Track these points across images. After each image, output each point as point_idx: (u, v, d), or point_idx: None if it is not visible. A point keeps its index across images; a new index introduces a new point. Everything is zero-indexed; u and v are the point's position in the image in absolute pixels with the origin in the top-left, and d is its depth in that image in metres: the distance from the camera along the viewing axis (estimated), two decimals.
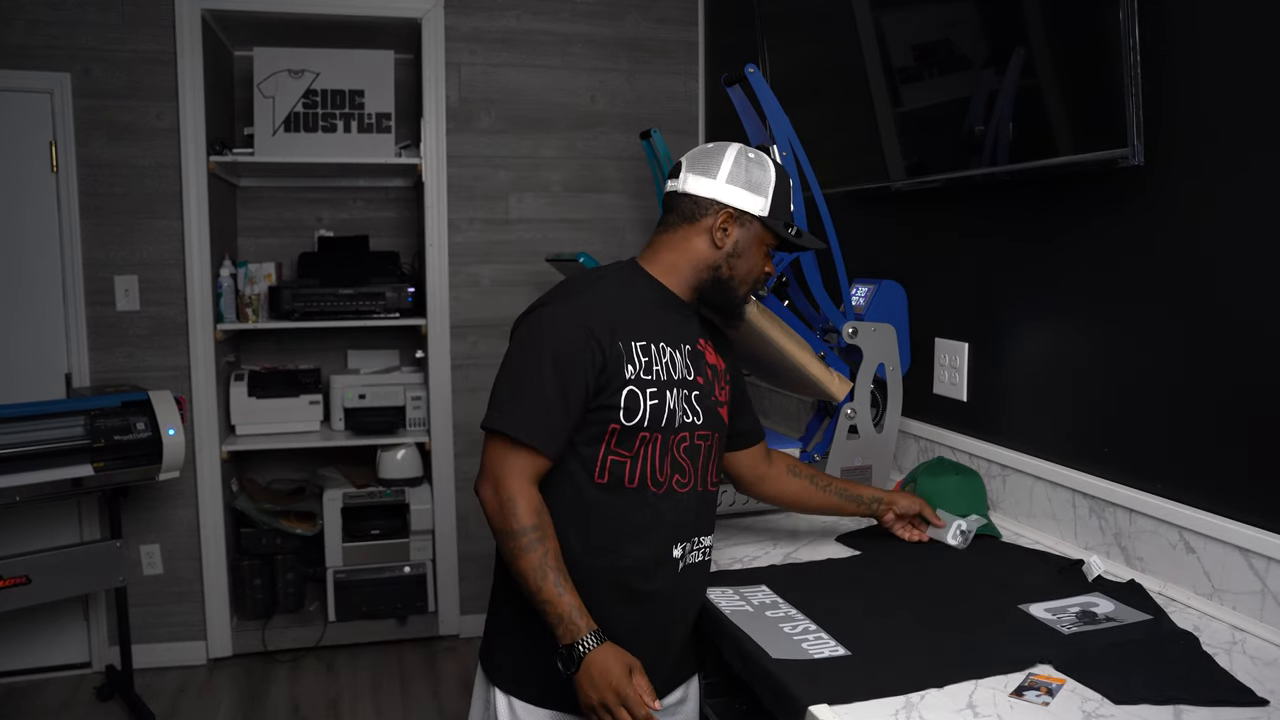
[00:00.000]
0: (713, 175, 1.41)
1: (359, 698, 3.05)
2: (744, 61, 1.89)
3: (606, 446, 1.36)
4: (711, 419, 1.44)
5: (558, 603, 1.26)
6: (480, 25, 3.29)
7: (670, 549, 1.40)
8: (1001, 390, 1.89)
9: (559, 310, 1.36)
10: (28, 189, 3.03)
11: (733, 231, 1.41)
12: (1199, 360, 1.44)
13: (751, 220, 1.42)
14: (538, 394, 1.31)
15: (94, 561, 2.86)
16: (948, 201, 2.05)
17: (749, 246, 1.42)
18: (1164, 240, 1.50)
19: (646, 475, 1.37)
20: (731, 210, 1.40)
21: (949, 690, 1.14)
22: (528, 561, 1.28)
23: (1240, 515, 1.36)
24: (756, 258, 1.44)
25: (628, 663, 1.25)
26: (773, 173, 1.42)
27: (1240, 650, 1.26)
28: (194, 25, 3.05)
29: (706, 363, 1.46)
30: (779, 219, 1.42)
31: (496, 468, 1.32)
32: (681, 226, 1.43)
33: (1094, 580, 1.48)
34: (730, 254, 1.42)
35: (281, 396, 3.35)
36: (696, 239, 1.42)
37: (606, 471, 1.36)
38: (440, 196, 3.29)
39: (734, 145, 1.44)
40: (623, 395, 1.34)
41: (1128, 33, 1.42)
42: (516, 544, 1.29)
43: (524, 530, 1.29)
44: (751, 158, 1.42)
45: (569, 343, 1.32)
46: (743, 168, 1.41)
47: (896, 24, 2.01)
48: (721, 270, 1.42)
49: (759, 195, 1.41)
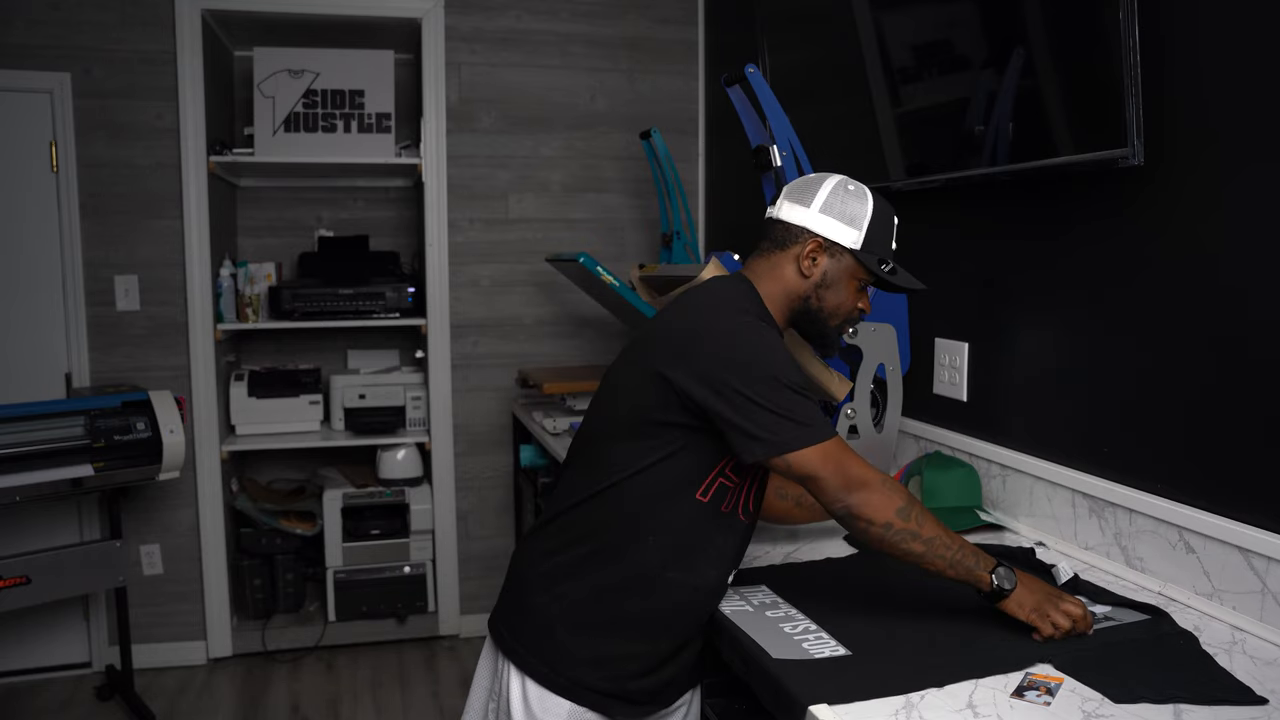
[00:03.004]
0: (807, 203, 1.39)
1: (359, 698, 3.05)
2: (744, 61, 1.89)
3: (720, 470, 1.33)
4: None
5: (969, 554, 1.26)
6: (480, 25, 3.30)
7: (729, 575, 1.41)
8: (1001, 390, 1.89)
9: (768, 337, 1.32)
10: (28, 189, 3.03)
11: (821, 261, 1.38)
12: (1199, 360, 1.44)
13: (843, 252, 1.38)
14: (809, 406, 1.28)
15: (94, 561, 2.86)
16: (948, 201, 2.05)
17: (839, 279, 1.39)
18: (1164, 240, 1.50)
19: (740, 506, 1.37)
20: (821, 240, 1.38)
21: (949, 690, 1.14)
22: (929, 529, 1.25)
23: (1240, 515, 1.36)
24: (847, 292, 1.40)
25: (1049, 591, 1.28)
26: (870, 206, 1.39)
27: (1240, 650, 1.26)
28: (194, 25, 3.06)
29: None
30: (873, 254, 1.39)
31: (840, 469, 1.25)
32: (774, 253, 1.41)
33: (1067, 583, 1.47)
34: (819, 284, 1.39)
35: (281, 396, 3.35)
36: (787, 266, 1.40)
37: (711, 492, 1.34)
38: (440, 196, 3.29)
39: (835, 176, 1.41)
40: None
41: (1128, 33, 1.42)
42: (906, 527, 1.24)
43: (908, 504, 1.26)
44: (851, 189, 1.39)
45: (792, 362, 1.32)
46: (839, 198, 1.38)
47: (896, 24, 2.01)
48: (811, 301, 1.40)
49: (852, 228, 1.37)
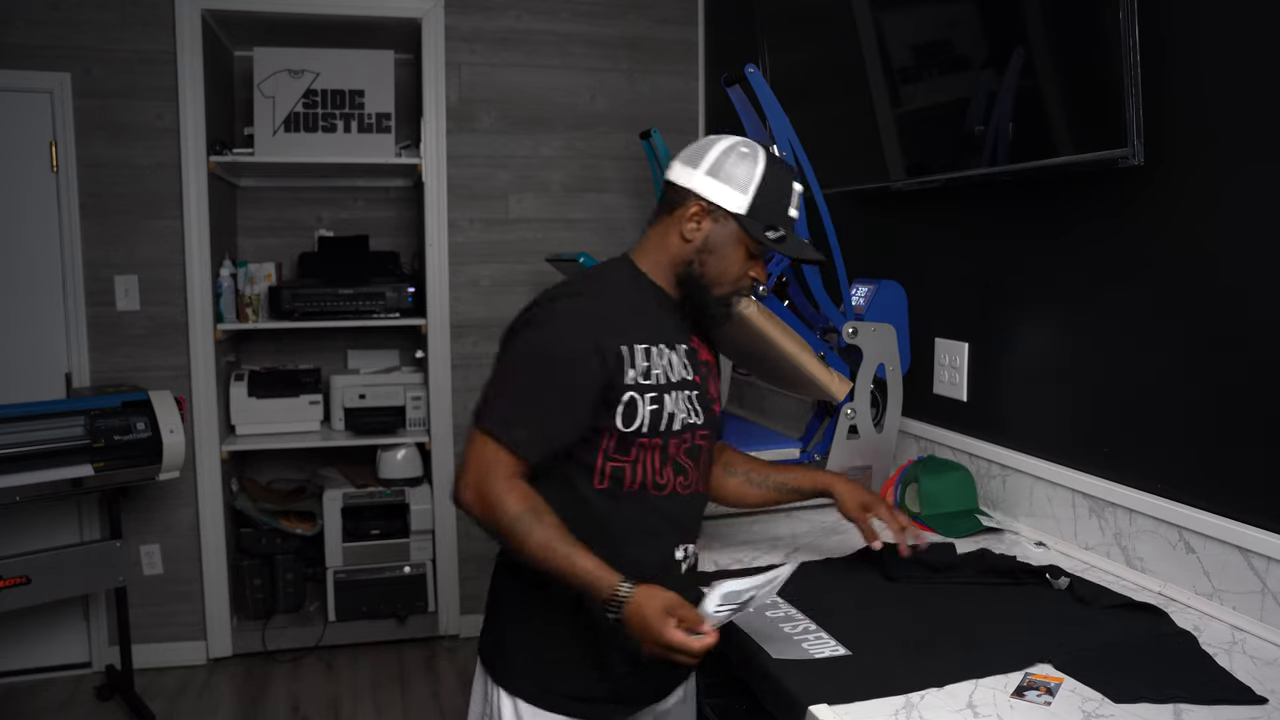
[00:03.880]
0: (695, 165, 1.34)
1: (359, 698, 3.05)
2: (744, 61, 1.89)
3: (604, 454, 1.32)
4: (711, 418, 1.42)
5: (574, 572, 1.23)
6: (480, 25, 3.29)
7: (674, 552, 1.39)
8: (1001, 390, 1.89)
9: (565, 316, 1.31)
10: (28, 189, 3.03)
11: (705, 225, 1.33)
12: (1199, 360, 1.44)
13: (727, 217, 1.33)
14: (536, 402, 1.28)
15: (94, 561, 2.86)
16: (948, 201, 2.05)
17: (723, 244, 1.34)
18: (1164, 240, 1.50)
19: (647, 479, 1.34)
20: (705, 203, 1.33)
21: (949, 690, 1.14)
22: (531, 544, 1.24)
23: (1240, 515, 1.36)
24: (732, 258, 1.35)
25: (663, 606, 1.18)
26: (761, 169, 1.32)
27: (1240, 650, 1.26)
28: (194, 25, 3.05)
29: (700, 360, 1.43)
30: (760, 220, 1.32)
31: (480, 466, 1.27)
32: (664, 218, 1.38)
33: (1065, 589, 1.47)
34: (701, 249, 1.34)
35: (281, 396, 3.35)
36: (673, 232, 1.36)
37: (606, 477, 1.33)
38: (440, 196, 3.29)
39: (731, 138, 1.36)
40: (622, 401, 1.30)
41: (1128, 33, 1.42)
42: (515, 534, 1.25)
43: (519, 517, 1.24)
44: (744, 152, 1.33)
45: (575, 351, 1.27)
46: (728, 160, 1.32)
47: (896, 24, 2.01)
48: (693, 266, 1.35)
49: (739, 192, 1.32)
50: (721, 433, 1.59)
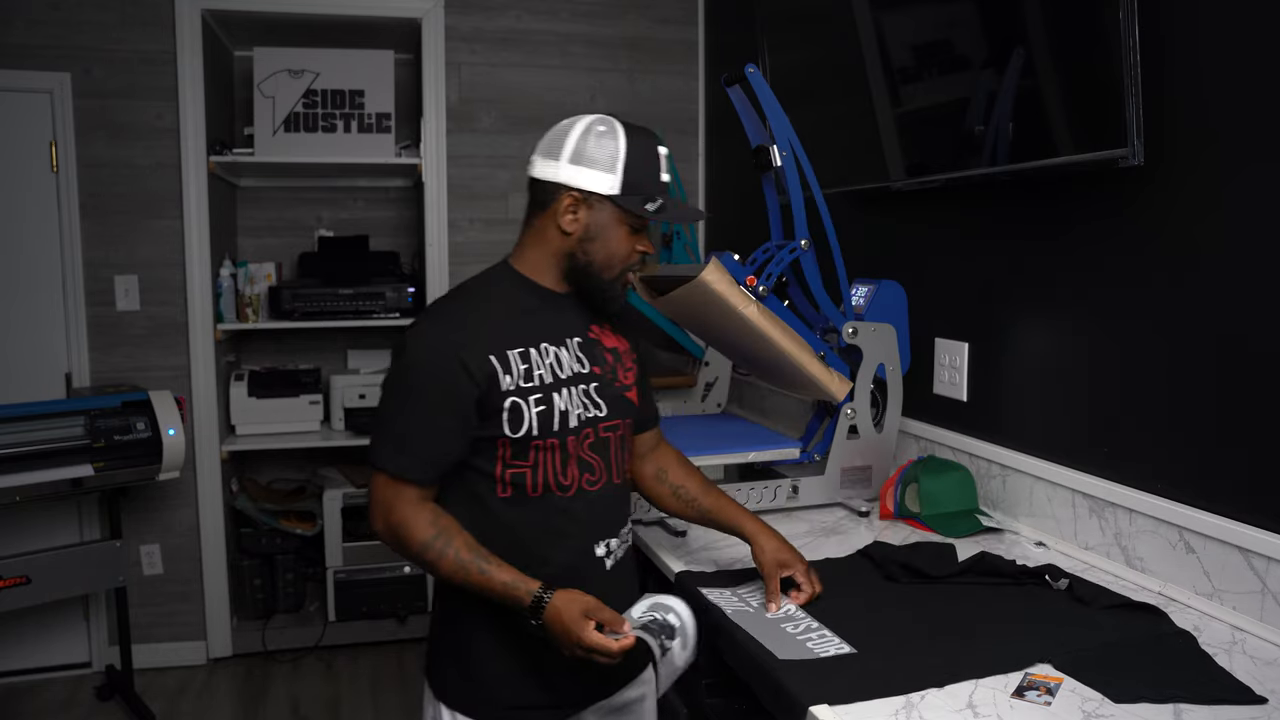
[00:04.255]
0: (556, 156, 1.31)
1: (359, 698, 3.05)
2: (744, 61, 1.89)
3: (502, 462, 1.33)
4: (618, 406, 1.41)
5: (491, 586, 1.26)
6: (480, 25, 3.29)
7: (592, 549, 1.39)
8: (1001, 390, 1.89)
9: (425, 337, 1.31)
10: (28, 189, 3.03)
11: (581, 215, 1.32)
12: (1199, 360, 1.44)
13: (601, 201, 1.31)
14: (415, 429, 1.30)
15: (94, 561, 2.86)
16: (948, 201, 2.05)
17: (604, 229, 1.32)
18: (1164, 240, 1.50)
19: (549, 481, 1.34)
20: (576, 193, 1.31)
21: (949, 690, 1.14)
22: (445, 566, 1.28)
23: (1240, 515, 1.36)
24: (616, 240, 1.33)
25: (582, 608, 1.23)
26: (622, 144, 1.30)
27: (1240, 650, 1.26)
28: (194, 25, 3.05)
29: (605, 348, 1.42)
30: (636, 194, 1.31)
31: (382, 499, 1.31)
32: (537, 216, 1.36)
33: (1065, 590, 1.47)
34: (583, 239, 1.33)
35: (281, 396, 3.35)
36: (549, 228, 1.34)
37: (509, 485, 1.34)
38: (440, 196, 3.29)
39: (585, 119, 1.32)
40: (505, 409, 1.30)
41: (1128, 33, 1.42)
42: (428, 558, 1.29)
43: (426, 544, 1.28)
44: (601, 130, 1.30)
45: (437, 371, 1.28)
46: (588, 143, 1.29)
47: (896, 24, 2.01)
48: (578, 257, 1.34)
49: (607, 173, 1.29)
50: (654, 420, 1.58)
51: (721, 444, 1.92)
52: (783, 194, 1.91)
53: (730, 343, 1.96)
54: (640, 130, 1.34)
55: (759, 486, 1.88)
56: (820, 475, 1.94)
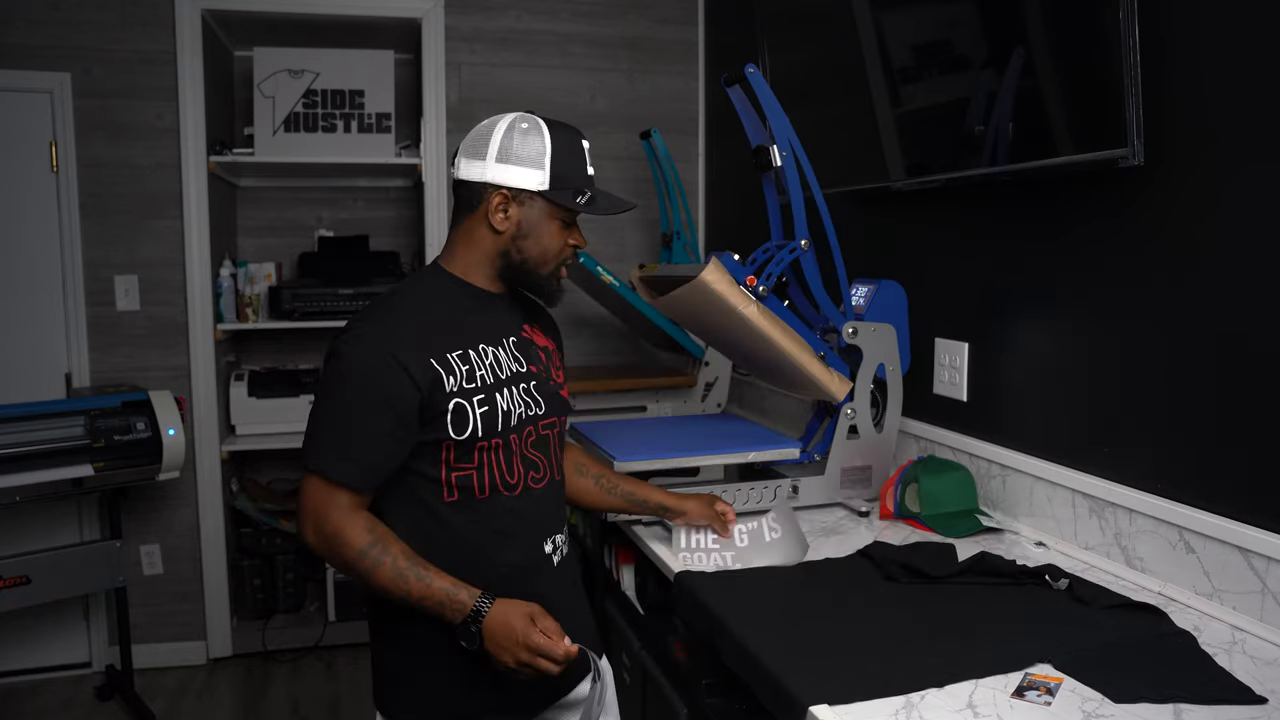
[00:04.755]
0: (482, 156, 1.32)
1: (359, 698, 3.04)
2: (744, 61, 1.89)
3: (447, 465, 1.31)
4: (554, 404, 1.42)
5: (430, 593, 1.24)
6: (480, 25, 3.29)
7: (541, 548, 1.39)
8: (1001, 390, 1.89)
9: (363, 341, 1.29)
10: (28, 189, 3.03)
11: (513, 212, 1.32)
12: (1199, 360, 1.44)
13: (532, 197, 1.32)
14: (351, 433, 1.27)
15: (94, 561, 2.86)
16: (948, 201, 2.05)
17: (536, 225, 1.33)
18: (1164, 240, 1.50)
19: (496, 481, 1.33)
20: (505, 191, 1.31)
21: (949, 690, 1.14)
22: (382, 575, 1.24)
23: (1240, 515, 1.36)
24: (549, 234, 1.34)
25: (526, 612, 1.23)
26: (548, 140, 1.31)
27: (1240, 650, 1.26)
28: (194, 25, 3.06)
29: (537, 347, 1.43)
30: (565, 188, 1.32)
31: (315, 507, 1.27)
32: (467, 218, 1.36)
33: (1065, 589, 1.47)
34: (516, 236, 1.33)
35: (281, 396, 3.35)
36: (480, 228, 1.34)
37: (455, 489, 1.32)
38: (440, 196, 3.29)
39: (505, 118, 1.33)
40: (449, 411, 1.29)
41: (1128, 33, 1.42)
42: (363, 567, 1.25)
43: (363, 552, 1.24)
44: (524, 128, 1.31)
45: (377, 375, 1.26)
46: (513, 141, 1.30)
47: (896, 24, 2.01)
48: (512, 254, 1.35)
49: (534, 169, 1.31)
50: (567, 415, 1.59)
51: (721, 444, 1.92)
52: (783, 194, 1.91)
53: (730, 343, 1.96)
54: (562, 126, 1.35)
55: (759, 486, 1.88)
56: (820, 475, 1.94)
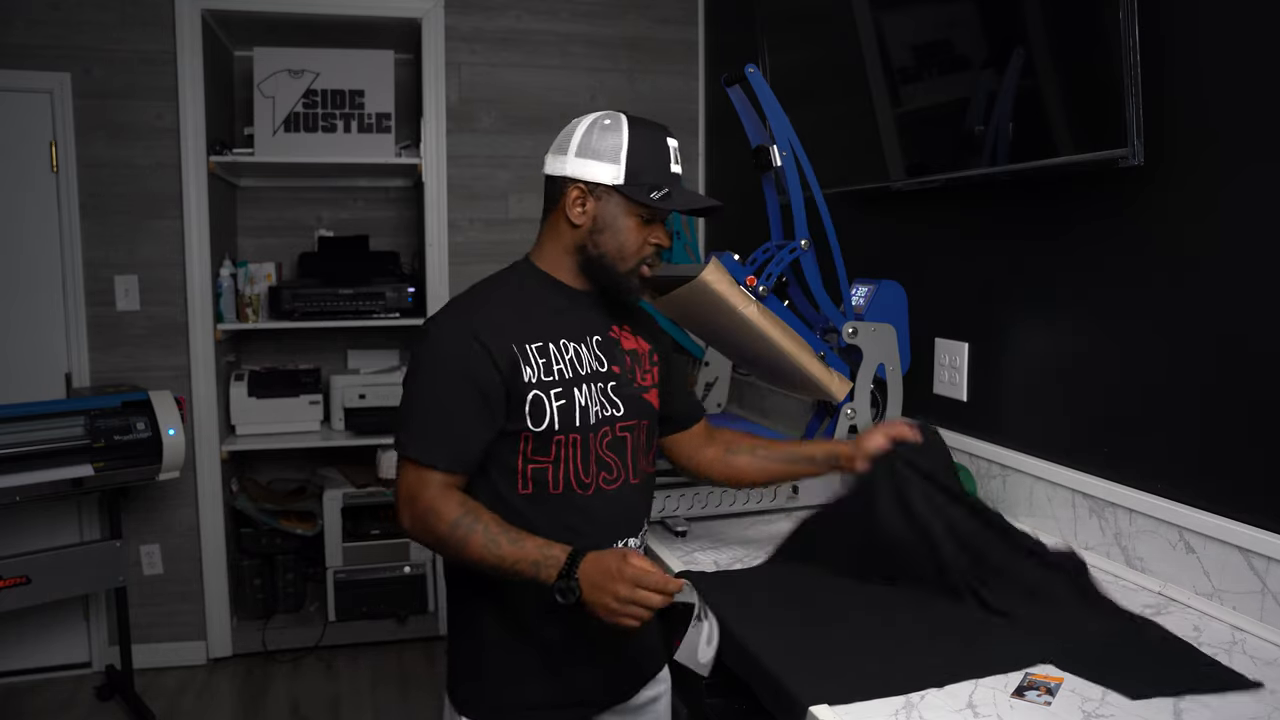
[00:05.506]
0: (564, 152, 1.35)
1: (359, 698, 3.05)
2: (744, 61, 1.89)
3: (524, 456, 1.32)
4: (635, 407, 1.41)
5: (523, 554, 1.22)
6: (480, 25, 3.29)
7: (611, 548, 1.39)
8: (1001, 390, 1.89)
9: (445, 326, 1.33)
10: (28, 189, 3.03)
11: (590, 206, 1.34)
12: (1199, 360, 1.44)
13: (608, 191, 1.33)
14: (438, 413, 1.29)
15: (94, 561, 2.86)
16: (948, 201, 2.05)
17: (612, 219, 1.34)
18: (1164, 240, 1.50)
19: (570, 479, 1.34)
20: (583, 184, 1.33)
21: (949, 690, 1.14)
22: (474, 544, 1.23)
23: (1240, 515, 1.36)
24: (626, 229, 1.35)
25: (620, 553, 1.18)
26: (625, 136, 1.33)
27: (1240, 650, 1.26)
28: (194, 25, 3.06)
29: (623, 350, 1.42)
30: (641, 184, 1.33)
31: (408, 490, 1.29)
32: (551, 212, 1.39)
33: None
34: (593, 230, 1.35)
35: (281, 396, 3.35)
36: (561, 223, 1.37)
37: (530, 481, 1.33)
38: (440, 196, 3.29)
39: (589, 116, 1.36)
40: (527, 401, 1.30)
41: (1128, 33, 1.42)
42: (456, 538, 1.24)
43: (455, 523, 1.25)
44: (606, 124, 1.34)
45: (459, 357, 1.29)
46: (593, 137, 1.33)
47: (896, 24, 2.01)
48: (590, 249, 1.36)
49: (611, 163, 1.32)
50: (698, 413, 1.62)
51: None
52: (783, 194, 1.91)
53: (730, 343, 1.96)
54: (647, 123, 1.36)
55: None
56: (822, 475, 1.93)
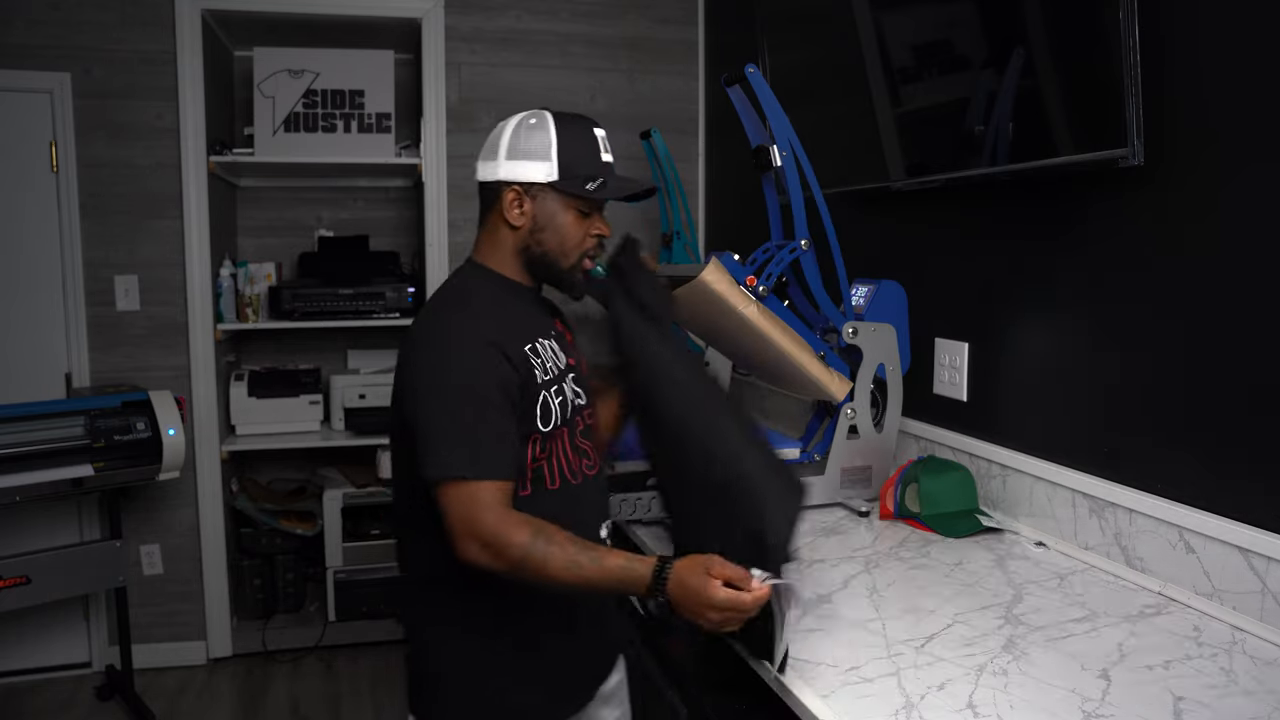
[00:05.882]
0: (495, 156, 1.36)
1: (359, 698, 3.05)
2: (744, 61, 1.89)
3: (531, 458, 1.32)
4: (589, 396, 1.47)
5: (607, 572, 1.20)
6: (480, 25, 3.29)
7: (598, 534, 1.42)
8: (1001, 390, 1.89)
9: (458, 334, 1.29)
10: (28, 189, 3.03)
11: (526, 206, 1.35)
12: (1199, 360, 1.44)
13: (542, 189, 1.34)
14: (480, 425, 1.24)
15: (94, 561, 2.86)
16: (948, 201, 2.05)
17: (551, 216, 1.35)
18: (1164, 240, 1.50)
19: (564, 471, 1.37)
20: (517, 186, 1.34)
21: (949, 690, 1.14)
22: (556, 567, 1.19)
23: (1240, 515, 1.36)
24: (566, 224, 1.36)
25: (704, 568, 1.16)
26: (553, 132, 1.33)
27: (1240, 650, 1.26)
28: (194, 25, 3.06)
29: (568, 342, 1.48)
30: (576, 176, 1.34)
31: (463, 516, 1.21)
32: (488, 217, 1.40)
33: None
34: (533, 230, 1.36)
35: (281, 396, 3.35)
36: (501, 226, 1.37)
37: (530, 482, 1.33)
38: (440, 196, 3.29)
39: (514, 118, 1.37)
40: (538, 403, 1.31)
41: (1128, 33, 1.42)
42: (532, 563, 1.19)
43: (529, 547, 1.19)
44: (533, 123, 1.35)
45: (484, 365, 1.26)
46: (520, 138, 1.34)
47: (896, 24, 2.01)
48: (532, 248, 1.37)
49: (543, 161, 1.33)
50: None
51: None
52: (783, 194, 1.91)
53: (730, 343, 1.96)
54: (572, 116, 1.37)
55: None
56: (820, 475, 1.94)
